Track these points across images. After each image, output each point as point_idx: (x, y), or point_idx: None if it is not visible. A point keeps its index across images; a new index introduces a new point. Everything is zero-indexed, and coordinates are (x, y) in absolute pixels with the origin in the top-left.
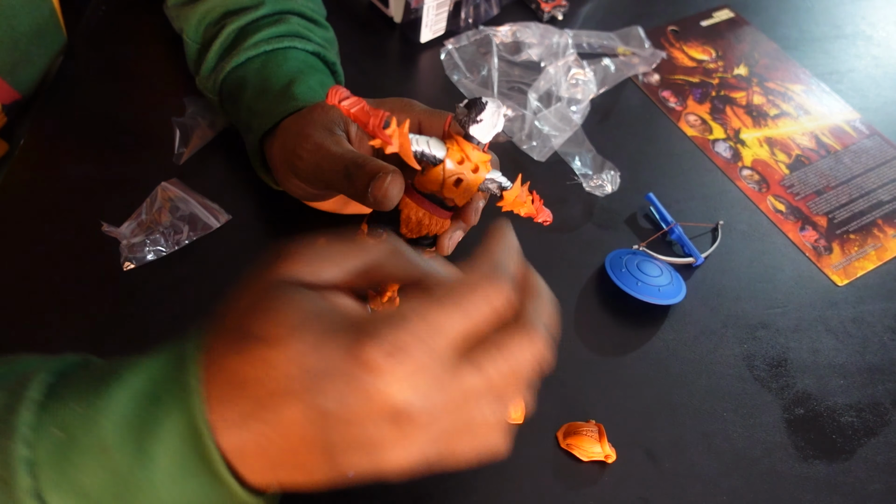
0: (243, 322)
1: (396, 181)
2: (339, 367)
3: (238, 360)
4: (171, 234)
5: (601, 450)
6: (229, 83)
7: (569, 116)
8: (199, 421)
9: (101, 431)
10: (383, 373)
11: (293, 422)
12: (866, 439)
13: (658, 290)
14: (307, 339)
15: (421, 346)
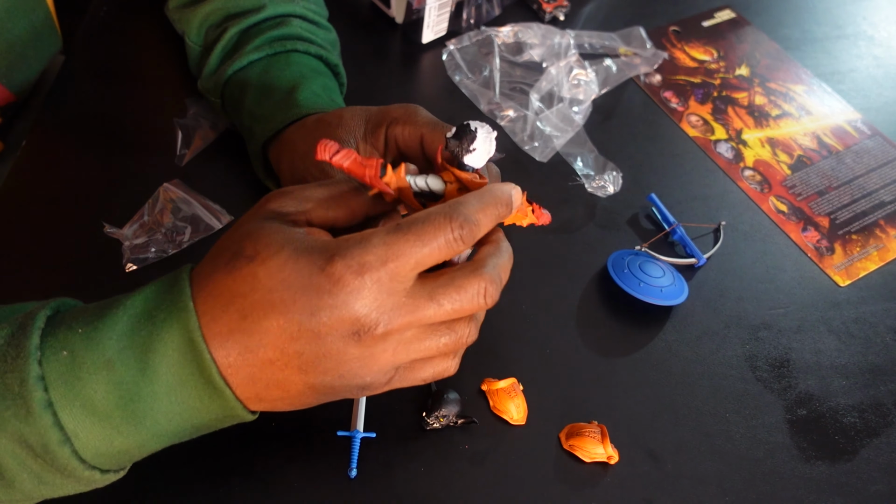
0: (233, 245)
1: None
2: (312, 281)
3: (228, 277)
4: (173, 236)
5: (604, 451)
6: (231, 86)
7: (570, 117)
8: (195, 334)
9: (105, 349)
10: (349, 287)
11: (271, 332)
12: (869, 440)
13: (660, 291)
14: (286, 255)
15: (384, 267)
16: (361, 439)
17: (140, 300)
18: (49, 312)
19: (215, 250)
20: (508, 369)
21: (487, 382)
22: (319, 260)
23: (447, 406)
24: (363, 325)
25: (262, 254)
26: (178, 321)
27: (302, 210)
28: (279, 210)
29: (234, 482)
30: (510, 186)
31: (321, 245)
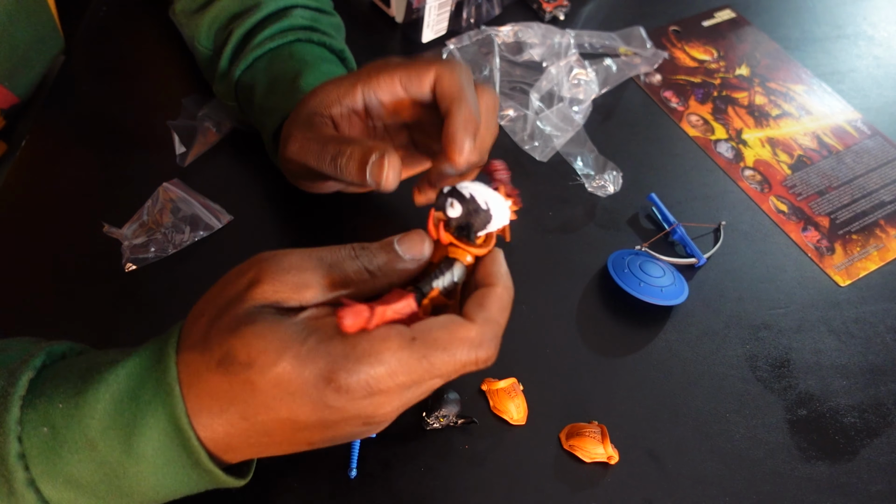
0: (224, 343)
1: (393, 162)
2: (319, 394)
3: (224, 381)
4: (172, 235)
5: (604, 451)
6: (242, 86)
7: (571, 117)
8: (181, 419)
9: (87, 429)
10: (360, 402)
11: (279, 429)
12: (869, 440)
13: (660, 291)
14: (287, 364)
15: (395, 384)
16: (361, 439)
17: (123, 376)
18: (32, 374)
19: (198, 329)
20: (508, 369)
21: (487, 382)
22: (326, 370)
23: (447, 406)
24: (374, 418)
25: (259, 361)
26: (164, 405)
27: (298, 299)
28: (273, 298)
29: None
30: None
31: (327, 350)
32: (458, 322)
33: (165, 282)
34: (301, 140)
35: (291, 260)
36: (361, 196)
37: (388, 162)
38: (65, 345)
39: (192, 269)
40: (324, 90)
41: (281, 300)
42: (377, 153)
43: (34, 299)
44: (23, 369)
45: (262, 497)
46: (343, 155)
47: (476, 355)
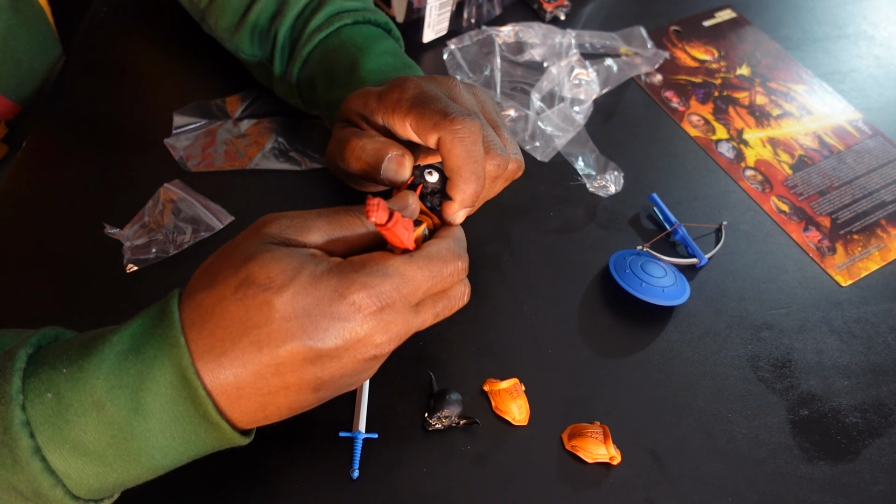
0: (235, 271)
1: (408, 159)
2: (332, 308)
3: (239, 307)
4: (173, 236)
5: (606, 451)
6: (303, 84)
7: (572, 117)
8: (188, 370)
9: (93, 390)
10: (370, 317)
11: (289, 360)
12: (871, 440)
13: (662, 291)
14: (304, 281)
15: (400, 296)
16: (363, 440)
17: (127, 336)
18: (30, 350)
19: (209, 276)
20: (510, 370)
21: (489, 383)
22: (340, 286)
23: (449, 407)
24: (380, 347)
25: (278, 280)
26: (170, 357)
27: (302, 239)
28: (281, 235)
29: (235, 483)
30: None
31: (338, 269)
32: (440, 239)
33: (166, 282)
34: (336, 138)
35: (294, 212)
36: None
37: (405, 159)
38: (56, 329)
39: (193, 269)
40: (357, 100)
41: (287, 238)
42: (393, 154)
43: (35, 300)
44: (20, 346)
45: (264, 497)
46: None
47: (458, 264)
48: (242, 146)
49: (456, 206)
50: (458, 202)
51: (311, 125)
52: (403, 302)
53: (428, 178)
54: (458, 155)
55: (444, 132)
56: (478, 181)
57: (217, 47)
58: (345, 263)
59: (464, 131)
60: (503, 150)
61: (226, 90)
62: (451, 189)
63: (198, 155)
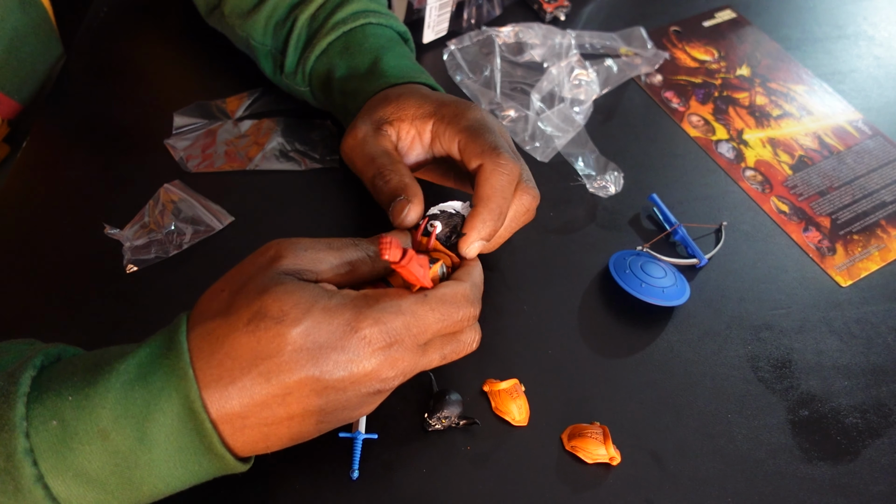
0: (248, 303)
1: (415, 209)
2: (344, 341)
3: (251, 338)
4: (173, 237)
5: (606, 452)
6: (317, 71)
7: (572, 117)
8: (195, 403)
9: (98, 419)
10: (380, 352)
11: (296, 391)
12: (871, 441)
13: (662, 292)
14: (318, 315)
15: (409, 334)
16: (363, 441)
17: (134, 364)
18: (34, 373)
19: (219, 304)
20: (510, 370)
21: (489, 383)
22: (352, 320)
23: (449, 407)
24: (385, 382)
25: (292, 314)
26: (177, 389)
27: (315, 271)
28: (294, 268)
29: (235, 483)
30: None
31: (352, 303)
32: (457, 282)
33: (166, 283)
34: (359, 142)
35: (306, 242)
36: (362, 200)
37: (410, 208)
38: (59, 347)
39: (194, 270)
40: (406, 106)
41: (301, 271)
42: (403, 197)
43: (35, 300)
44: (23, 369)
45: (264, 498)
46: (380, 179)
47: (471, 310)
48: (243, 147)
49: (473, 236)
50: (476, 232)
51: (312, 126)
52: (412, 340)
53: (430, 227)
54: (493, 186)
55: (488, 161)
56: (500, 217)
57: (217, 48)
58: (359, 297)
59: (506, 168)
60: (536, 188)
61: (226, 91)
62: (471, 219)
63: (198, 155)
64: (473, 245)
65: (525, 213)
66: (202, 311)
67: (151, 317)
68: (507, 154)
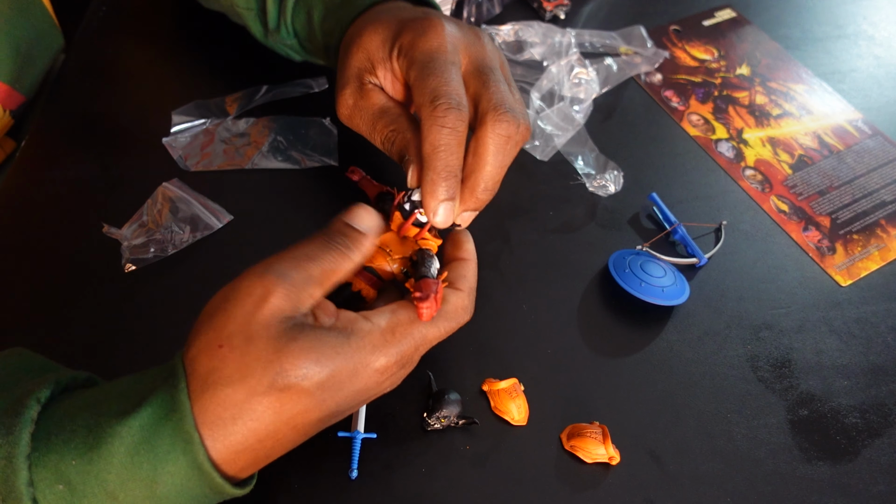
0: (271, 367)
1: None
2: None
3: (275, 402)
4: (172, 236)
5: (605, 451)
6: (299, 19)
7: (571, 116)
8: (204, 464)
9: (105, 483)
10: (392, 378)
11: (315, 423)
12: (870, 440)
13: (661, 291)
14: (339, 367)
15: (417, 353)
16: (362, 440)
17: (137, 428)
18: (32, 428)
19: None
20: (509, 370)
21: (488, 383)
22: (370, 359)
23: (448, 407)
24: (386, 391)
25: (312, 370)
26: (185, 453)
27: (308, 298)
28: (290, 308)
29: None
30: None
31: (371, 344)
32: (456, 293)
33: (165, 282)
34: (352, 108)
35: (285, 264)
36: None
37: (415, 169)
38: (51, 382)
39: (192, 269)
40: (367, 42)
41: (297, 305)
42: (408, 157)
43: (34, 300)
44: (20, 425)
45: (263, 498)
46: (387, 143)
47: (467, 317)
48: (241, 145)
49: (431, 202)
50: (429, 195)
51: (310, 124)
52: (418, 356)
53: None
54: (431, 143)
55: (424, 113)
56: (448, 177)
57: (216, 47)
58: (375, 332)
59: (446, 121)
60: (516, 112)
61: (224, 89)
62: (422, 182)
63: (196, 154)
64: (440, 210)
65: (506, 142)
66: (204, 371)
67: (150, 316)
68: (446, 105)
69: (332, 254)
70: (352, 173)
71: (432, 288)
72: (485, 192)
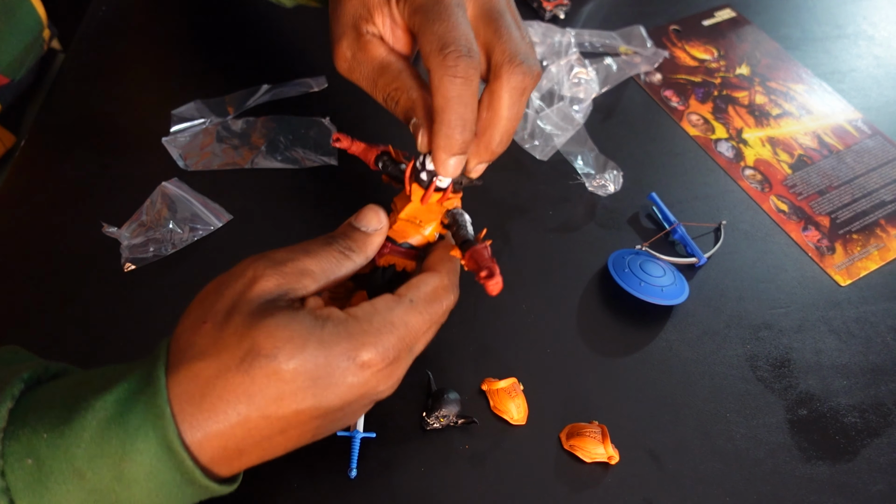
0: (244, 340)
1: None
2: (347, 377)
3: (245, 378)
4: (171, 235)
5: (604, 451)
6: None
7: (571, 115)
8: (173, 442)
9: (73, 458)
10: (381, 374)
11: (298, 421)
12: (869, 440)
13: (661, 291)
14: (313, 349)
15: (407, 349)
16: (361, 439)
17: (111, 402)
18: (11, 405)
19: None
20: (509, 369)
21: (488, 382)
22: (349, 349)
23: (447, 406)
24: (381, 394)
25: (286, 349)
26: (154, 429)
27: (298, 287)
28: (277, 291)
29: None
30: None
31: (346, 330)
32: (433, 274)
33: (165, 281)
34: (351, 61)
35: (281, 254)
36: (362, 197)
37: (423, 132)
38: (40, 366)
39: (192, 268)
40: None
41: (286, 291)
42: (415, 120)
43: (33, 299)
44: (1, 400)
45: (263, 497)
46: (391, 102)
47: (452, 299)
48: (240, 145)
49: (442, 156)
50: (443, 150)
51: (310, 123)
52: (407, 351)
53: (442, 183)
54: (444, 96)
55: (434, 63)
56: (463, 130)
57: (216, 47)
58: (351, 321)
59: (458, 70)
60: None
61: (224, 89)
62: (434, 135)
63: (196, 154)
64: (450, 162)
65: (522, 94)
66: (184, 346)
67: (150, 316)
68: (457, 52)
69: (331, 252)
70: (337, 141)
71: (486, 259)
72: (500, 145)
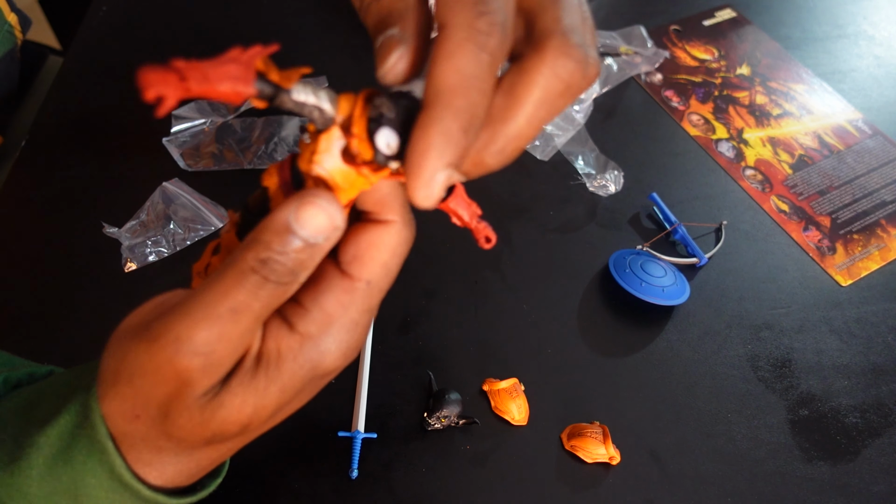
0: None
1: (406, 57)
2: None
3: (213, 451)
4: (171, 235)
5: (605, 451)
6: None
7: (571, 116)
8: (123, 475)
9: (30, 496)
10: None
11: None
12: (870, 440)
13: (662, 291)
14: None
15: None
16: (362, 440)
17: (55, 437)
18: None
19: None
20: (510, 369)
21: (489, 383)
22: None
23: (448, 406)
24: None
25: (256, 419)
26: (101, 464)
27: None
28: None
29: (234, 483)
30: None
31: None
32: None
33: (165, 282)
34: None
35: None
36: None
37: (401, 54)
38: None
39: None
40: None
41: (218, 381)
42: (396, 31)
43: (34, 299)
44: None
45: (263, 497)
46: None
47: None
48: (241, 145)
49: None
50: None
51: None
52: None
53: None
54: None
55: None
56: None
57: (215, 47)
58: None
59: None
60: (588, 48)
61: None
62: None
63: (196, 154)
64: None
65: (564, 90)
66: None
67: None
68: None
69: (265, 294)
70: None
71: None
72: (501, 154)
